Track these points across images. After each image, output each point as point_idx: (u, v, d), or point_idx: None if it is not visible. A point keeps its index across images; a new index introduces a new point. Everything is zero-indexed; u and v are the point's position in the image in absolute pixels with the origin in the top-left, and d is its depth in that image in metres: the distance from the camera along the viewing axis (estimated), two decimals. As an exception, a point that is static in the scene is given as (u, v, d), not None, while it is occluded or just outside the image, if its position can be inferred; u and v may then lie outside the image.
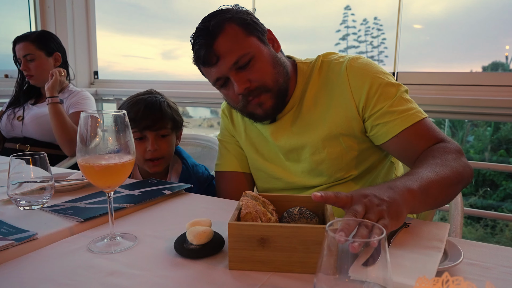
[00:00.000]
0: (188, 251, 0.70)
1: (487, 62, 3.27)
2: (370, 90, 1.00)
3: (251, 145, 1.20)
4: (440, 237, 0.72)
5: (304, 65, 1.13)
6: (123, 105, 1.29)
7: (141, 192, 1.06)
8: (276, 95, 1.05)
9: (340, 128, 1.04)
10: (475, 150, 3.66)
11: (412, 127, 0.96)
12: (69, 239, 0.79)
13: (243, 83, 1.00)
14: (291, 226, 0.64)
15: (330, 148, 1.06)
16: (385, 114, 0.99)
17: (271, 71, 1.03)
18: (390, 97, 0.99)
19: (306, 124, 1.09)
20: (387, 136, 1.00)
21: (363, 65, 1.04)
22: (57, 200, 1.00)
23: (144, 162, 1.27)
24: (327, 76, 1.08)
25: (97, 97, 2.88)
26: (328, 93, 1.06)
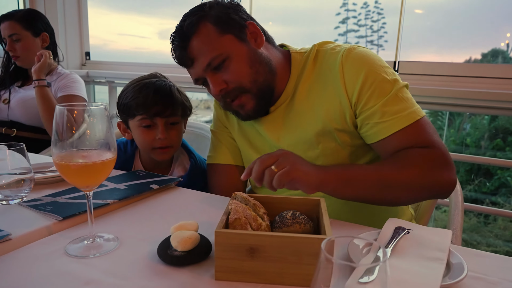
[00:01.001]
0: (172, 258, 0.65)
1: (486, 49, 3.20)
2: (364, 85, 0.93)
3: (244, 137, 1.14)
4: (442, 247, 0.67)
5: (299, 55, 1.06)
6: (127, 89, 1.19)
7: (127, 186, 1.01)
8: (256, 95, 0.99)
9: (334, 123, 0.98)
10: (471, 138, 3.63)
11: (402, 130, 0.90)
12: (46, 240, 0.74)
13: (218, 85, 0.97)
14: (283, 236, 0.59)
15: (325, 143, 1.00)
16: (376, 113, 0.92)
17: (247, 71, 0.97)
18: (384, 94, 0.92)
19: (299, 118, 1.03)
20: (376, 137, 0.94)
21: (360, 57, 0.96)
22: (37, 193, 0.94)
23: (151, 150, 1.19)
24: (321, 67, 1.01)
25: (88, 79, 2.79)
26: (322, 85, 1.00)
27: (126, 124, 1.21)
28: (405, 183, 0.85)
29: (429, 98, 1.66)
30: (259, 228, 0.66)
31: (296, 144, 1.04)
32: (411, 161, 0.86)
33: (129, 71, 2.73)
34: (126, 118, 1.19)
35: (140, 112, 1.14)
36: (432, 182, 0.86)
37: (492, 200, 3.34)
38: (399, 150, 0.91)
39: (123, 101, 1.17)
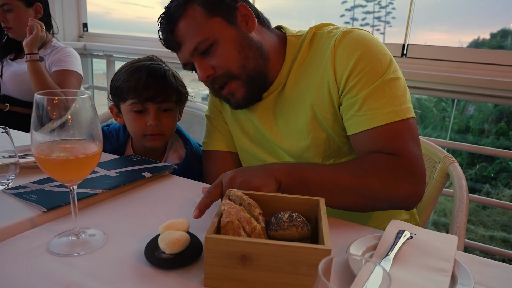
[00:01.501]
0: (159, 260, 0.61)
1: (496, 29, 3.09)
2: (353, 70, 0.86)
3: (237, 124, 1.09)
4: (448, 256, 0.63)
5: (294, 39, 0.98)
6: (120, 71, 1.14)
7: (118, 173, 0.96)
8: (246, 82, 0.93)
9: (323, 111, 0.92)
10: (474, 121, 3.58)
11: (375, 129, 0.83)
12: (28, 234, 0.70)
13: (205, 70, 0.92)
14: (278, 245, 0.55)
15: (315, 133, 0.94)
16: (355, 104, 0.86)
17: (235, 56, 0.91)
18: (369, 84, 0.84)
19: (289, 105, 0.97)
20: (351, 130, 0.89)
21: (355, 40, 0.88)
22: (23, 179, 0.90)
23: (142, 136, 1.14)
24: (315, 51, 0.95)
25: (86, 51, 2.71)
26: (313, 71, 0.93)
27: (118, 108, 1.15)
28: (361, 191, 0.81)
29: (437, 84, 1.59)
30: (253, 232, 0.61)
31: (288, 133, 0.98)
32: (371, 169, 0.81)
33: (128, 44, 2.65)
34: (118, 101, 1.13)
35: (131, 96, 1.08)
36: (390, 193, 0.81)
37: (492, 184, 3.32)
38: (369, 150, 0.86)
39: (115, 83, 1.11)
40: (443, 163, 1.16)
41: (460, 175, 1.10)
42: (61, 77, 1.75)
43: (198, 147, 1.23)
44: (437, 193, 1.18)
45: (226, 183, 0.78)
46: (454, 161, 1.14)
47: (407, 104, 0.85)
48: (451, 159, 1.15)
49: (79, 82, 1.84)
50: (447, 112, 3.65)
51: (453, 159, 1.15)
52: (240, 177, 0.77)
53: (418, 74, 1.58)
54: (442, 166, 1.16)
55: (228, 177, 0.79)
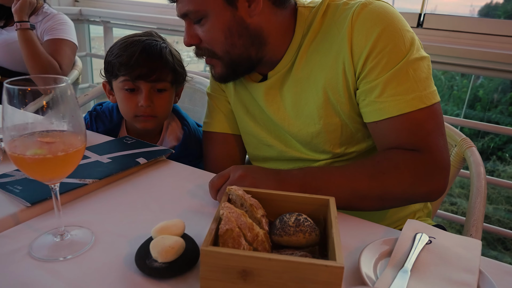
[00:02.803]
0: (151, 270, 0.55)
1: None
2: (373, 49, 0.76)
3: (241, 104, 1.00)
4: (472, 267, 0.57)
5: (306, 10, 0.87)
6: (114, 46, 1.05)
7: (111, 158, 0.89)
8: (227, 64, 0.87)
9: (337, 94, 0.83)
10: (484, 90, 3.48)
11: (398, 117, 0.76)
12: (10, 233, 0.64)
13: (190, 37, 0.87)
14: (283, 260, 0.48)
15: (327, 118, 0.86)
16: (375, 89, 0.77)
17: (221, 40, 0.84)
18: (392, 65, 0.76)
19: (299, 86, 0.88)
20: (370, 117, 0.81)
21: (375, 14, 0.77)
22: (8, 165, 0.83)
23: (133, 117, 1.06)
24: (329, 25, 0.84)
25: (81, 17, 2.57)
26: (326, 47, 0.83)
27: (110, 85, 1.07)
28: (379, 195, 0.75)
29: (456, 59, 1.48)
30: (255, 240, 0.55)
31: (296, 117, 0.90)
32: (391, 170, 0.74)
33: (127, 10, 2.51)
34: (110, 78, 1.05)
35: (122, 73, 0.99)
36: (411, 194, 0.76)
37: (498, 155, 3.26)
38: (390, 141, 0.78)
39: (108, 58, 1.02)
40: (460, 146, 1.08)
41: (478, 161, 1.02)
42: (54, 47, 1.65)
43: (197, 127, 1.15)
44: (452, 179, 1.11)
45: (234, 179, 0.73)
46: (471, 145, 1.07)
47: (432, 88, 0.77)
48: (468, 143, 1.07)
49: (73, 51, 1.75)
50: (455, 80, 3.54)
51: (470, 143, 1.07)
52: (251, 178, 0.72)
53: (435, 47, 1.47)
54: (458, 150, 1.09)
55: (237, 174, 0.73)
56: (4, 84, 0.52)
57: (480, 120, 3.17)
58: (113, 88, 1.06)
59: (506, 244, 3.07)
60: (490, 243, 3.14)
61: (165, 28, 2.27)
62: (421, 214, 1.01)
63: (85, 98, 1.47)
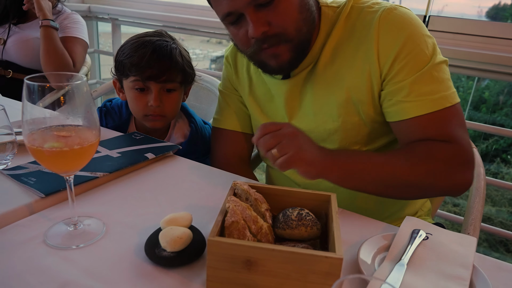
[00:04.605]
0: (160, 259, 0.58)
1: None
2: (399, 53, 0.80)
3: (255, 103, 1.02)
4: (466, 262, 0.59)
5: (330, 10, 0.90)
6: (125, 45, 1.07)
7: (121, 153, 0.92)
8: (296, 47, 0.84)
9: (360, 94, 0.86)
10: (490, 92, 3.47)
11: (427, 116, 0.79)
12: (25, 222, 0.67)
13: (261, 25, 0.79)
14: (285, 251, 0.51)
15: (346, 116, 0.88)
16: (403, 89, 0.80)
17: (296, 17, 0.81)
18: (418, 68, 0.80)
19: (322, 84, 0.90)
20: (396, 116, 0.83)
21: (400, 20, 0.82)
22: (22, 158, 0.87)
23: (142, 116, 1.09)
24: (354, 26, 0.87)
25: (90, 14, 2.61)
26: (352, 49, 0.86)
27: (120, 83, 1.10)
28: (416, 182, 0.77)
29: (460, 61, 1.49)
30: (259, 232, 0.58)
31: (315, 113, 0.92)
32: (428, 157, 0.77)
33: (135, 8, 2.53)
34: (120, 77, 1.08)
35: (133, 73, 1.02)
36: (446, 182, 0.78)
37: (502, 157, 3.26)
38: (417, 138, 0.81)
39: (119, 57, 1.05)
40: (461, 148, 1.10)
41: (478, 162, 1.05)
42: (67, 44, 1.69)
43: (204, 125, 1.18)
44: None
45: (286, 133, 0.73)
46: (473, 146, 1.09)
47: (453, 89, 0.81)
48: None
49: (85, 49, 1.78)
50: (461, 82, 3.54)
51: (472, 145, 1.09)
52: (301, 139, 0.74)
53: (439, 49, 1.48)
54: (459, 151, 1.11)
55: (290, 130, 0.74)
56: (24, 80, 0.55)
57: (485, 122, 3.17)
58: (123, 86, 1.09)
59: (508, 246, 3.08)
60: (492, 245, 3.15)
61: (172, 26, 2.30)
62: (421, 213, 1.03)
63: (94, 94, 1.50)
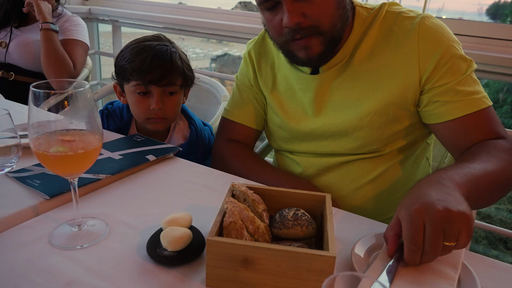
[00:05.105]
0: (161, 258, 0.60)
1: None
2: (441, 60, 0.85)
3: (277, 100, 1.03)
4: (455, 261, 0.62)
5: (364, 11, 0.93)
6: (125, 50, 1.10)
7: (122, 155, 0.95)
8: (328, 41, 0.87)
9: (393, 96, 0.89)
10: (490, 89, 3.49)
11: (474, 114, 0.84)
12: (31, 223, 0.70)
13: (296, 16, 0.81)
14: (281, 250, 0.53)
15: (375, 115, 0.90)
16: (449, 91, 0.84)
17: (333, 12, 0.84)
18: (460, 73, 0.85)
19: (355, 79, 0.92)
20: (443, 117, 0.86)
21: (438, 28, 0.88)
22: (27, 161, 0.89)
23: (144, 119, 1.12)
24: (391, 29, 0.90)
25: (91, 16, 2.63)
26: (390, 51, 0.89)
27: (121, 88, 1.12)
28: (505, 181, 0.78)
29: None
30: (256, 232, 0.60)
31: (344, 109, 0.93)
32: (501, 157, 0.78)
33: (136, 10, 2.56)
34: (121, 81, 1.10)
35: (135, 78, 1.05)
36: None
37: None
38: (467, 136, 0.85)
39: (119, 62, 1.08)
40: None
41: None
42: (68, 47, 1.72)
43: (203, 126, 1.21)
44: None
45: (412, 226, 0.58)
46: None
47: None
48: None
49: (85, 51, 1.81)
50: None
51: None
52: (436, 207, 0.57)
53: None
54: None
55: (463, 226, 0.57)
56: (30, 87, 0.57)
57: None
58: (124, 90, 1.12)
59: (508, 244, 3.09)
60: (492, 243, 3.16)
61: (172, 28, 2.33)
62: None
63: (95, 96, 1.53)
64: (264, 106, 1.09)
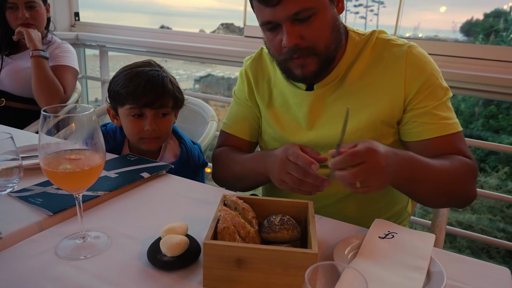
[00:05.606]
0: (162, 263, 0.66)
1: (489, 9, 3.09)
2: (423, 85, 0.95)
3: (273, 114, 1.11)
4: (424, 254, 0.69)
5: (357, 36, 1.03)
6: (119, 76, 1.17)
7: (118, 174, 1.01)
8: (322, 61, 0.96)
9: (381, 114, 0.98)
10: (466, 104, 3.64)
11: (446, 137, 0.94)
12: (37, 237, 0.75)
13: (294, 38, 0.90)
14: (270, 249, 0.60)
15: (363, 131, 0.99)
16: (426, 114, 0.94)
17: (327, 35, 0.93)
18: (438, 99, 0.95)
19: (347, 99, 1.01)
20: (419, 136, 0.96)
21: (423, 57, 0.98)
22: (27, 181, 0.94)
23: (138, 139, 1.18)
24: (381, 55, 1.00)
25: (78, 41, 2.70)
26: (380, 73, 0.99)
27: (115, 111, 1.19)
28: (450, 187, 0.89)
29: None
30: (247, 236, 0.67)
31: (335, 124, 1.01)
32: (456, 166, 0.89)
33: (120, 35, 2.64)
34: (115, 105, 1.17)
35: (129, 102, 1.12)
36: (467, 191, 0.92)
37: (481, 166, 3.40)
38: (438, 154, 0.93)
39: (113, 87, 1.15)
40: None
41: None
42: (58, 72, 1.78)
43: (193, 145, 1.28)
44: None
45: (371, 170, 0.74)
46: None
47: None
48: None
49: (75, 77, 1.87)
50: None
51: None
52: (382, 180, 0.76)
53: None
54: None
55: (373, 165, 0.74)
56: (41, 111, 0.64)
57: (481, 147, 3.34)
58: (118, 113, 1.19)
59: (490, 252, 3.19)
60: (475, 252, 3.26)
61: (156, 52, 2.42)
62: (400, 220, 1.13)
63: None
64: (258, 119, 1.17)
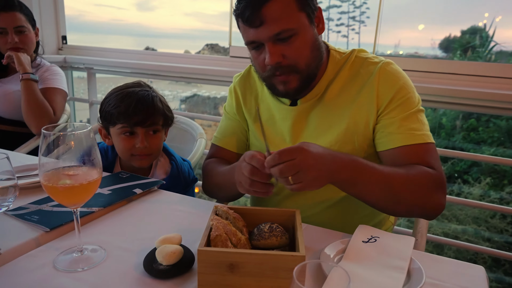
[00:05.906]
0: (157, 272, 0.69)
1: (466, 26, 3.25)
2: (393, 98, 1.00)
3: (260, 128, 1.13)
4: (404, 255, 0.74)
5: (338, 54, 1.10)
6: (110, 97, 1.22)
7: (111, 190, 1.04)
8: (303, 78, 1.02)
9: (357, 127, 1.04)
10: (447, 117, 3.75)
11: (413, 146, 0.97)
12: (34, 252, 0.77)
13: (276, 57, 0.96)
14: (260, 254, 0.64)
15: (343, 143, 1.04)
16: (394, 123, 0.99)
17: (307, 54, 0.99)
18: (406, 110, 0.99)
19: (326, 114, 1.07)
20: (386, 146, 1.00)
21: (395, 73, 1.03)
22: (22, 200, 0.96)
23: (130, 156, 1.23)
24: (358, 72, 1.06)
25: (66, 64, 2.73)
26: (356, 90, 1.05)
27: (107, 130, 1.23)
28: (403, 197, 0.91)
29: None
30: (238, 243, 0.71)
31: (316, 138, 1.07)
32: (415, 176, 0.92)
33: (108, 57, 2.69)
34: (107, 125, 1.21)
35: (121, 121, 1.17)
36: (427, 202, 0.93)
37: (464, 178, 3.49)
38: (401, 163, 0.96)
39: (105, 108, 1.19)
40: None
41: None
42: (48, 95, 1.81)
43: (183, 162, 1.32)
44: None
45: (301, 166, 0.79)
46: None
47: (430, 133, 1.01)
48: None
49: (64, 98, 1.90)
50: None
51: None
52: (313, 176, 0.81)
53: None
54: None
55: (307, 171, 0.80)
56: (41, 130, 0.67)
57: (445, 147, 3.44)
58: (109, 133, 1.23)
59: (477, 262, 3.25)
60: (462, 263, 3.30)
61: (143, 73, 2.48)
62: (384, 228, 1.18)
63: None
64: (246, 133, 1.22)
